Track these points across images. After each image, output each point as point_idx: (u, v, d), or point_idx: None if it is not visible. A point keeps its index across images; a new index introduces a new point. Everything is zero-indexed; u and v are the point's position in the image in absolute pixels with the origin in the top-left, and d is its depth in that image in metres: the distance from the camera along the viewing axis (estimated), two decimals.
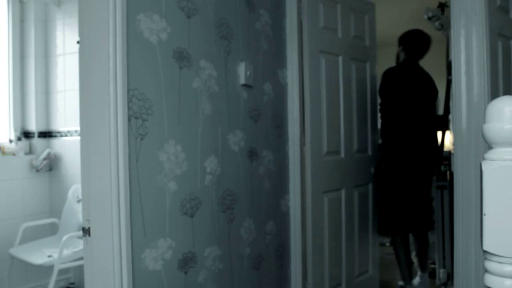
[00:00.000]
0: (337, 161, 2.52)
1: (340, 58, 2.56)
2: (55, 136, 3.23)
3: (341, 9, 2.56)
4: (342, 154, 2.57)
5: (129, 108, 1.40)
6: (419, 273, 3.02)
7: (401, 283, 3.00)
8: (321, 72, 2.42)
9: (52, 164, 3.22)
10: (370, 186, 2.84)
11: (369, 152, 2.84)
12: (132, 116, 1.42)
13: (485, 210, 0.66)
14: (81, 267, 1.68)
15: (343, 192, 2.56)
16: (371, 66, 2.86)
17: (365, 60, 2.81)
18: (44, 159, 3.15)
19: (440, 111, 3.16)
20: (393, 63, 2.98)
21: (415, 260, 3.28)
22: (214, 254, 1.76)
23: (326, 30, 2.45)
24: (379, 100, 2.94)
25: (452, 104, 2.09)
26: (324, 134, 2.42)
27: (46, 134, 3.26)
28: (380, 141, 2.97)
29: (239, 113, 1.93)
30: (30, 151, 3.21)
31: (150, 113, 1.48)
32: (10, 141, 3.14)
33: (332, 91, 2.50)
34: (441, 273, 2.82)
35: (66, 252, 2.58)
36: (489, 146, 0.69)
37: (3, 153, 3.04)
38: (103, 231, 1.37)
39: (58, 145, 3.22)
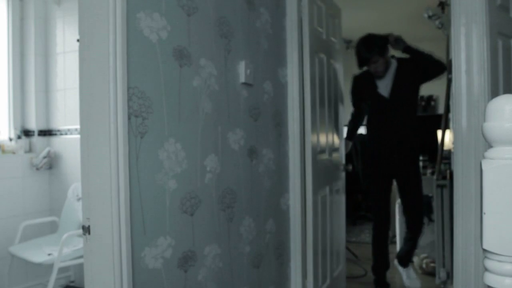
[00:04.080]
0: (324, 160, 2.59)
1: (325, 59, 2.63)
2: (55, 134, 3.23)
3: (325, 10, 2.63)
4: (327, 154, 2.64)
5: (129, 107, 1.40)
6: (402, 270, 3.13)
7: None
8: (315, 72, 2.47)
9: (52, 163, 3.22)
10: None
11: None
12: (132, 115, 1.41)
13: (485, 209, 0.66)
14: (81, 266, 1.68)
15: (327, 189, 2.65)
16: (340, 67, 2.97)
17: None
18: (44, 157, 3.15)
19: (441, 109, 3.17)
20: None
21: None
22: (214, 252, 1.76)
23: (316, 32, 2.51)
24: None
25: (452, 102, 2.09)
26: (317, 133, 2.47)
27: (46, 133, 3.25)
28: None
29: (239, 112, 1.93)
30: (30, 150, 3.21)
31: (150, 111, 1.48)
32: (10, 139, 3.14)
33: (320, 90, 2.56)
34: (441, 272, 2.82)
35: (66, 250, 2.58)
36: (489, 145, 0.69)
37: (3, 151, 3.04)
38: (103, 230, 1.37)
39: (58, 143, 3.22)
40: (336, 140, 2.86)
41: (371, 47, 2.80)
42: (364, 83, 2.98)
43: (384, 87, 2.87)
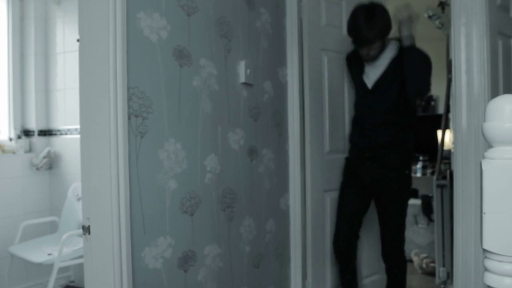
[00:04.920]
0: (340, 160, 2.44)
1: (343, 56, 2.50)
2: (55, 134, 3.23)
3: (346, 6, 2.55)
4: (347, 153, 2.48)
5: (129, 107, 1.40)
6: None
7: None
8: (323, 71, 2.40)
9: (52, 163, 3.22)
10: None
11: None
12: (132, 115, 1.42)
13: (485, 209, 0.66)
14: (81, 265, 1.68)
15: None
16: None
17: None
18: (44, 157, 3.14)
19: (441, 109, 3.16)
20: None
21: None
22: (214, 252, 1.76)
23: (329, 28, 2.45)
24: None
25: (452, 102, 2.09)
26: (326, 133, 2.41)
27: (46, 132, 3.25)
28: None
29: (239, 112, 1.93)
30: (30, 149, 3.21)
31: (150, 111, 1.48)
32: (10, 139, 3.14)
33: (335, 89, 2.47)
34: (441, 272, 2.82)
35: (66, 250, 2.58)
36: (489, 145, 0.69)
37: (3, 151, 3.04)
38: (103, 230, 1.37)
39: (58, 143, 3.22)
40: None
41: (373, 27, 2.05)
42: (352, 64, 2.34)
43: (371, 73, 2.20)
